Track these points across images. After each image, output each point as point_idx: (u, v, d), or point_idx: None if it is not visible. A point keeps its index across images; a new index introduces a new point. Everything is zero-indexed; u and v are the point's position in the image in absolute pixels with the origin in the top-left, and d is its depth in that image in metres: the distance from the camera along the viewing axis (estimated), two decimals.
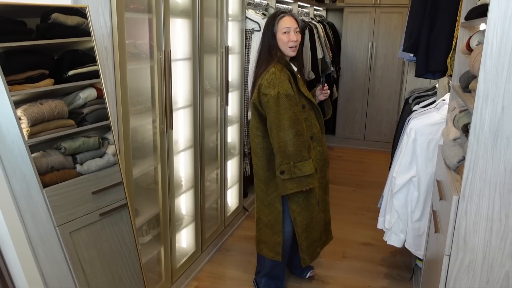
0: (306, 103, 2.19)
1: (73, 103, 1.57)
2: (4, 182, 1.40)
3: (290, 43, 2.12)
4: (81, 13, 1.55)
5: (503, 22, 1.29)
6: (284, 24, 2.11)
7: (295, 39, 2.12)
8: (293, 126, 2.05)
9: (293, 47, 2.14)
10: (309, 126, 2.20)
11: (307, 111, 2.19)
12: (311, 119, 2.22)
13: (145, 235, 2.28)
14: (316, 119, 2.25)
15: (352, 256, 2.98)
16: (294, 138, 2.06)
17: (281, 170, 2.08)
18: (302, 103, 2.16)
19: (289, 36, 2.11)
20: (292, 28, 2.12)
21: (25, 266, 1.46)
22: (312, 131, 2.22)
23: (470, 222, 1.44)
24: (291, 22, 2.12)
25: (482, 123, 1.36)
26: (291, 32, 2.11)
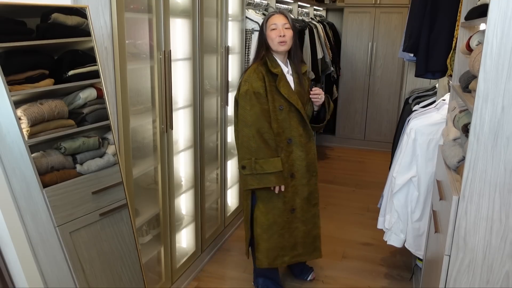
0: (286, 104, 2.16)
1: (73, 103, 1.57)
2: (4, 182, 1.40)
3: (278, 38, 2.13)
4: (81, 13, 1.55)
5: (503, 22, 1.29)
6: (272, 21, 2.15)
7: (283, 33, 2.12)
8: (256, 123, 2.10)
9: (282, 42, 2.13)
10: (287, 128, 2.18)
11: (285, 112, 2.16)
12: (290, 121, 2.18)
13: (145, 235, 2.28)
14: (298, 123, 2.20)
15: (352, 256, 2.98)
16: (257, 135, 2.10)
17: (243, 165, 2.14)
18: (279, 104, 2.15)
19: (276, 31, 2.13)
20: (279, 24, 2.13)
21: (25, 266, 1.46)
22: (291, 134, 2.19)
23: (470, 222, 1.44)
24: (279, 18, 2.15)
25: (482, 123, 1.36)
26: (278, 27, 2.13)
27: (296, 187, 2.24)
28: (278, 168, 2.12)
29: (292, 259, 2.37)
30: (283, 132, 2.18)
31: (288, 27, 2.14)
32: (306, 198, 2.27)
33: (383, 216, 2.58)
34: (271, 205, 2.23)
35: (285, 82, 2.18)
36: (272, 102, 2.16)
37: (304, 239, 2.34)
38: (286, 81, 2.19)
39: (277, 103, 2.16)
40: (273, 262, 2.32)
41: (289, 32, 2.15)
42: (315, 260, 2.87)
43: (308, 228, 2.34)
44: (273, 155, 2.13)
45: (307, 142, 2.23)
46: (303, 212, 2.29)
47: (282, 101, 2.16)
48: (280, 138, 2.18)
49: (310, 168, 2.25)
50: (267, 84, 2.15)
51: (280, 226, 2.25)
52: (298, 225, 2.30)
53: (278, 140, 2.18)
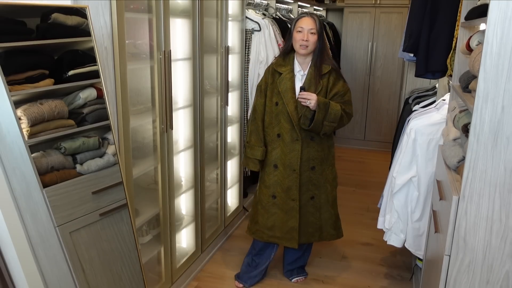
0: (281, 102, 2.31)
1: (73, 103, 1.57)
2: (4, 182, 1.40)
3: (300, 41, 2.23)
4: (81, 13, 1.55)
5: (503, 22, 1.29)
6: (300, 24, 2.25)
7: (305, 38, 2.22)
8: (253, 112, 2.44)
9: (303, 46, 2.23)
10: (277, 124, 2.35)
11: (279, 108, 2.32)
12: (280, 118, 2.33)
13: (145, 235, 2.28)
14: (286, 121, 2.32)
15: (352, 256, 2.98)
16: (251, 123, 2.45)
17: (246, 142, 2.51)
18: (276, 100, 2.33)
19: (301, 35, 2.23)
20: (306, 28, 2.22)
21: (25, 266, 1.45)
22: (280, 130, 2.34)
23: (470, 222, 1.44)
24: (307, 22, 2.23)
25: (482, 123, 1.36)
26: (304, 31, 2.22)
27: (278, 177, 2.39)
28: (255, 156, 2.40)
29: (270, 239, 2.49)
30: (275, 126, 2.35)
31: (313, 32, 2.23)
32: (286, 191, 2.39)
33: (383, 216, 2.58)
34: (261, 185, 2.48)
35: (287, 81, 2.29)
36: (270, 97, 2.35)
37: (281, 225, 2.44)
38: (289, 79, 2.29)
39: (275, 98, 2.33)
40: (253, 234, 2.54)
41: (313, 38, 2.23)
42: (315, 259, 2.87)
43: (286, 217, 2.43)
44: (257, 143, 2.40)
45: (292, 141, 2.32)
46: (282, 202, 2.41)
47: (278, 98, 2.32)
48: (272, 131, 2.37)
49: (291, 165, 2.35)
50: (270, 79, 2.34)
51: (262, 205, 2.47)
52: (277, 211, 2.43)
53: (270, 132, 2.38)
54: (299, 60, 2.32)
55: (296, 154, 2.33)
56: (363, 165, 5.02)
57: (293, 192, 2.38)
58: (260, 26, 3.18)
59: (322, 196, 2.45)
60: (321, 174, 2.42)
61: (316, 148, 2.36)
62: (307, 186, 2.41)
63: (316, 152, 2.37)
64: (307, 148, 2.34)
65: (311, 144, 2.35)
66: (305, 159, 2.35)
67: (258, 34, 3.18)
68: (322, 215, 2.48)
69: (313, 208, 2.45)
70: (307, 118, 2.25)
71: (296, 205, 2.40)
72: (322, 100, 2.21)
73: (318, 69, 2.28)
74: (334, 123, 2.26)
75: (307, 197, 2.43)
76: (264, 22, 3.24)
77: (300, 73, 2.32)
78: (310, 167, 2.37)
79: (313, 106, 2.19)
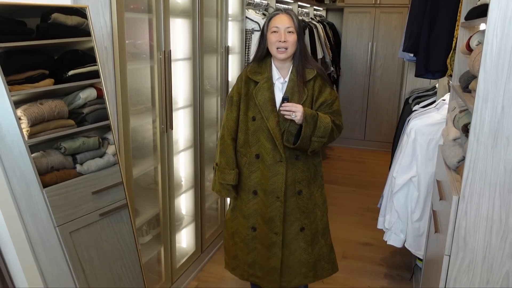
0: (259, 116, 1.91)
1: (73, 103, 1.57)
2: (4, 182, 1.40)
3: (277, 43, 1.84)
4: (81, 13, 1.55)
5: (503, 22, 1.29)
6: (274, 23, 1.86)
7: (283, 39, 1.83)
8: (222, 128, 2.03)
9: (282, 48, 1.85)
10: (255, 142, 1.94)
11: (257, 124, 1.92)
12: (259, 135, 1.92)
13: (145, 235, 2.28)
14: (266, 139, 1.91)
15: (352, 256, 2.98)
16: (219, 142, 2.04)
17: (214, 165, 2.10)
18: (253, 114, 1.93)
19: (277, 35, 1.84)
20: (281, 27, 1.84)
21: (25, 266, 1.45)
22: (259, 150, 1.94)
23: (470, 222, 1.44)
24: (282, 20, 1.85)
25: (482, 123, 1.36)
26: (280, 31, 1.84)
27: (258, 205, 1.99)
28: (227, 181, 1.99)
29: (250, 277, 2.11)
30: (252, 146, 1.95)
31: (291, 30, 1.85)
32: (267, 222, 1.98)
33: (383, 216, 2.58)
34: (235, 214, 2.09)
35: (265, 91, 1.90)
36: (245, 111, 1.95)
37: (263, 263, 2.04)
38: (268, 89, 1.90)
39: (251, 112, 1.94)
40: (233, 270, 2.17)
41: (291, 37, 1.85)
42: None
43: (268, 254, 2.02)
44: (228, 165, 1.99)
45: (274, 163, 1.91)
46: (263, 235, 2.00)
47: (256, 111, 1.92)
48: (249, 151, 1.97)
49: (274, 191, 1.93)
50: (244, 90, 1.94)
51: (240, 238, 2.07)
52: (258, 245, 2.04)
53: (246, 153, 1.98)
54: (277, 66, 1.93)
55: (280, 178, 1.92)
56: (363, 165, 5.02)
57: (276, 224, 1.97)
58: (260, 26, 3.18)
59: (313, 225, 2.03)
60: (309, 198, 2.00)
61: (302, 168, 1.96)
62: (294, 215, 1.99)
63: (302, 173, 1.96)
64: (292, 169, 1.94)
65: (296, 164, 1.95)
66: (290, 183, 1.95)
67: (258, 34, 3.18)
68: (315, 250, 2.05)
69: (304, 242, 2.01)
70: (291, 134, 1.89)
71: (279, 240, 1.98)
72: (309, 112, 1.83)
73: (301, 75, 1.90)
74: (324, 138, 1.87)
75: (296, 229, 2.00)
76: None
77: (280, 80, 1.93)
78: (296, 191, 1.96)
79: (299, 119, 1.81)
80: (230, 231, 2.13)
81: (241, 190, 2.03)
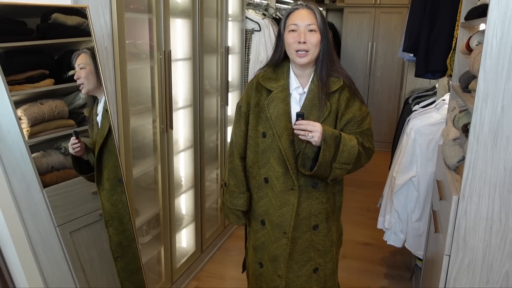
0: (270, 132, 1.57)
1: (73, 103, 1.58)
2: (4, 182, 1.40)
3: (296, 45, 1.50)
4: (81, 13, 1.55)
5: (503, 22, 1.29)
6: (292, 20, 1.52)
7: (303, 39, 1.49)
8: (230, 145, 1.71)
9: (302, 52, 1.50)
10: (265, 164, 1.61)
11: (268, 142, 1.59)
12: (269, 156, 1.59)
13: (145, 235, 2.28)
14: (276, 161, 1.57)
15: (352, 256, 2.98)
16: (228, 159, 1.72)
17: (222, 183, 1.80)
18: (264, 129, 1.59)
19: (295, 35, 1.51)
20: (302, 25, 1.50)
21: (25, 266, 1.46)
22: (268, 173, 1.61)
23: (470, 222, 1.44)
24: (302, 17, 1.51)
25: (482, 123, 1.36)
26: (300, 30, 1.50)
27: (265, 238, 1.68)
28: (237, 206, 1.69)
29: None
30: (262, 167, 1.63)
31: (314, 29, 1.50)
32: (272, 260, 1.66)
33: (383, 216, 2.58)
34: (249, 243, 1.83)
35: (279, 102, 1.56)
36: (254, 125, 1.62)
37: None
38: (282, 100, 1.57)
39: (261, 127, 1.60)
40: None
41: (314, 37, 1.50)
42: None
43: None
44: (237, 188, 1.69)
45: (285, 191, 1.58)
46: (268, 275, 1.70)
47: (267, 126, 1.58)
48: (258, 173, 1.65)
49: (281, 225, 1.61)
50: (255, 99, 1.61)
51: (252, 272, 1.80)
52: (263, 286, 1.74)
53: (254, 174, 1.66)
54: (296, 72, 1.60)
55: (290, 210, 1.59)
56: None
57: (279, 265, 1.65)
58: (260, 26, 3.18)
59: (328, 265, 1.70)
60: (327, 235, 1.68)
61: (320, 199, 1.63)
62: (307, 254, 1.66)
63: (320, 205, 1.63)
64: (307, 200, 1.61)
65: (313, 193, 1.61)
66: (304, 216, 1.62)
67: (258, 34, 3.18)
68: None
69: (317, 285, 1.69)
70: (308, 158, 1.56)
71: (281, 285, 1.67)
72: (329, 132, 1.47)
73: (324, 85, 1.55)
74: (348, 165, 1.54)
75: (309, 271, 1.67)
76: (264, 22, 3.24)
77: (298, 91, 1.59)
78: (311, 226, 1.63)
79: (317, 141, 1.46)
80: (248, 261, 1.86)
81: (251, 216, 1.74)
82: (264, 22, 3.25)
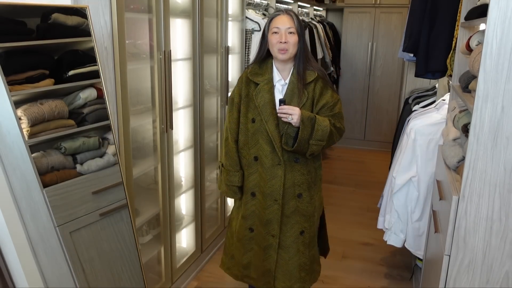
0: (259, 118, 1.92)
1: (73, 103, 1.57)
2: (4, 182, 1.40)
3: (278, 44, 1.84)
4: (81, 13, 1.55)
5: (503, 22, 1.29)
6: (274, 24, 1.86)
7: (284, 40, 1.82)
8: (225, 130, 2.05)
9: (283, 50, 1.84)
10: (254, 144, 1.95)
11: (256, 126, 1.93)
12: (258, 137, 1.93)
13: (145, 235, 2.28)
14: (264, 141, 1.92)
15: (352, 256, 2.98)
16: (224, 143, 2.06)
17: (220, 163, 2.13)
18: (253, 115, 1.93)
19: (277, 36, 1.84)
20: (282, 28, 1.83)
21: (25, 266, 1.46)
22: (258, 153, 1.95)
23: (470, 222, 1.44)
24: (283, 21, 1.84)
25: (482, 123, 1.36)
26: (281, 32, 1.84)
27: (256, 207, 2.01)
28: (233, 183, 2.02)
29: (244, 279, 2.14)
30: (251, 148, 1.97)
31: (292, 31, 1.84)
32: (265, 224, 2.00)
33: (383, 216, 2.58)
34: (235, 214, 2.15)
35: (265, 93, 1.90)
36: (245, 113, 1.96)
37: (258, 264, 2.07)
38: (268, 91, 1.91)
39: (251, 114, 1.95)
40: (228, 270, 2.20)
41: (292, 38, 1.84)
42: None
43: (264, 256, 2.04)
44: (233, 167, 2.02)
45: (272, 166, 1.93)
46: (260, 237, 2.03)
47: (256, 113, 1.93)
48: (248, 153, 1.98)
49: (272, 194, 1.95)
50: (245, 91, 1.95)
51: (238, 238, 2.09)
52: (254, 247, 2.06)
53: (245, 154, 1.99)
54: (278, 67, 1.93)
55: (278, 181, 1.93)
56: (363, 165, 5.02)
57: (273, 226, 1.99)
58: (260, 26, 3.18)
59: (312, 228, 2.05)
60: (309, 202, 2.00)
61: (302, 171, 1.96)
62: (294, 218, 1.99)
63: (302, 176, 1.96)
64: (291, 173, 1.94)
65: (295, 167, 1.94)
66: (289, 186, 1.95)
67: (258, 34, 3.18)
68: (311, 252, 2.08)
69: (303, 245, 2.02)
70: (290, 137, 1.89)
71: (275, 242, 2.00)
72: (306, 115, 1.83)
73: (302, 77, 1.89)
74: (323, 142, 1.88)
75: (296, 232, 2.00)
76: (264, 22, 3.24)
77: (281, 82, 1.93)
78: (296, 194, 1.96)
79: (296, 122, 1.81)
80: (232, 230, 2.17)
81: (243, 190, 2.06)
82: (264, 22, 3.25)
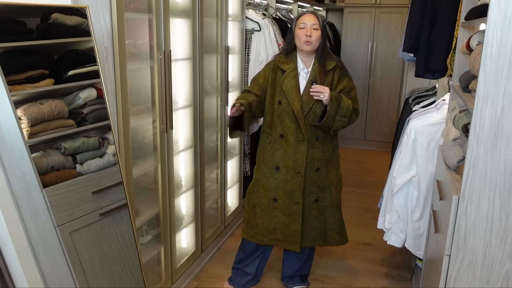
0: (285, 100, 2.24)
1: (73, 103, 1.57)
2: (4, 182, 1.40)
3: (304, 37, 2.18)
4: (81, 13, 1.55)
5: (503, 22, 1.29)
6: (302, 20, 2.20)
7: (309, 34, 2.17)
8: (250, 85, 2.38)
9: (307, 42, 2.18)
10: (280, 123, 2.27)
11: (282, 107, 2.25)
12: (284, 117, 2.25)
13: (145, 235, 2.28)
14: (291, 121, 2.23)
15: (352, 256, 2.98)
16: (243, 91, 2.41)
17: None
18: (279, 98, 2.25)
19: (304, 31, 2.18)
20: (308, 23, 2.18)
21: (25, 266, 1.46)
22: (283, 131, 2.27)
23: (470, 222, 1.44)
24: (309, 18, 2.20)
25: (482, 123, 1.36)
26: (307, 27, 2.18)
27: (280, 180, 2.31)
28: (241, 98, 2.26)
29: (271, 242, 2.42)
30: (277, 126, 2.28)
31: (316, 27, 2.19)
32: (289, 193, 2.31)
33: (383, 216, 2.58)
34: (256, 188, 2.39)
35: (291, 78, 2.23)
36: (272, 95, 2.28)
37: (283, 228, 2.36)
38: (293, 77, 2.23)
39: (277, 96, 2.26)
40: (252, 238, 2.44)
41: (316, 33, 2.18)
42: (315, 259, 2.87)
43: (288, 221, 2.35)
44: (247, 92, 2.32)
45: (297, 142, 2.24)
46: (284, 205, 2.33)
47: (282, 96, 2.25)
48: (274, 131, 2.29)
49: (295, 167, 2.27)
50: (272, 76, 2.28)
51: (261, 208, 2.37)
52: (279, 214, 2.35)
53: (271, 132, 2.30)
54: (302, 58, 2.27)
55: (302, 156, 2.25)
56: (363, 165, 5.02)
57: (296, 195, 2.30)
58: (260, 26, 3.18)
59: (327, 199, 2.36)
60: (326, 176, 2.33)
61: (321, 148, 2.28)
62: (311, 189, 2.32)
63: (321, 153, 2.29)
64: (312, 149, 2.26)
65: (316, 144, 2.27)
66: (309, 160, 2.27)
67: (258, 34, 3.18)
68: (326, 219, 2.39)
69: (317, 211, 2.36)
70: (316, 116, 2.20)
71: (299, 208, 2.31)
72: (334, 94, 2.16)
73: (323, 66, 2.24)
74: (346, 118, 2.20)
75: (311, 200, 2.34)
76: (264, 22, 3.24)
77: (304, 70, 2.26)
78: (314, 168, 2.29)
79: (326, 99, 2.12)
80: (251, 203, 2.42)
81: (265, 165, 2.34)
82: (264, 22, 3.25)
